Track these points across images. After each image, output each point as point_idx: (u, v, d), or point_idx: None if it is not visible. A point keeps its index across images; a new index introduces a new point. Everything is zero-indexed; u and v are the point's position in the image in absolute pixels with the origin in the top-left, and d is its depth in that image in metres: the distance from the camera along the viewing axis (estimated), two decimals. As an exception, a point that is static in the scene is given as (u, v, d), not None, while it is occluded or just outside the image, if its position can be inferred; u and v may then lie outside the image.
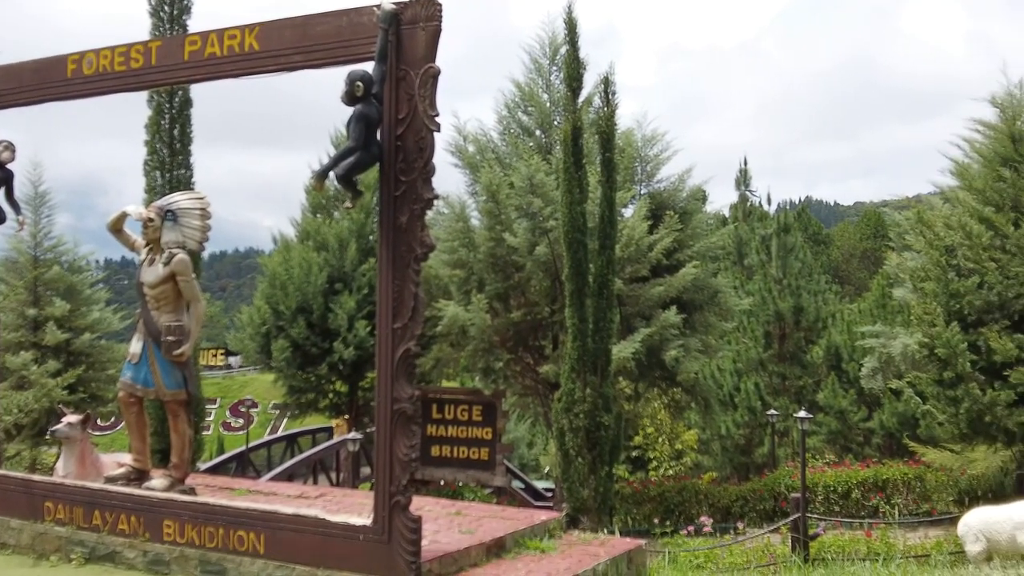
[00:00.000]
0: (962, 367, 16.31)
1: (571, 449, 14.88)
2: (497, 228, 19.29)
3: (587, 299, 14.99)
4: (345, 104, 6.01)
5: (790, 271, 34.19)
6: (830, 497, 20.72)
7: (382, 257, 6.14)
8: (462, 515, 8.10)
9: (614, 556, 7.49)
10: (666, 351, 18.89)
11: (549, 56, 21.68)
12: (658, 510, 21.16)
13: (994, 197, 17.44)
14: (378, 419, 6.13)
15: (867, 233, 65.51)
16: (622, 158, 20.38)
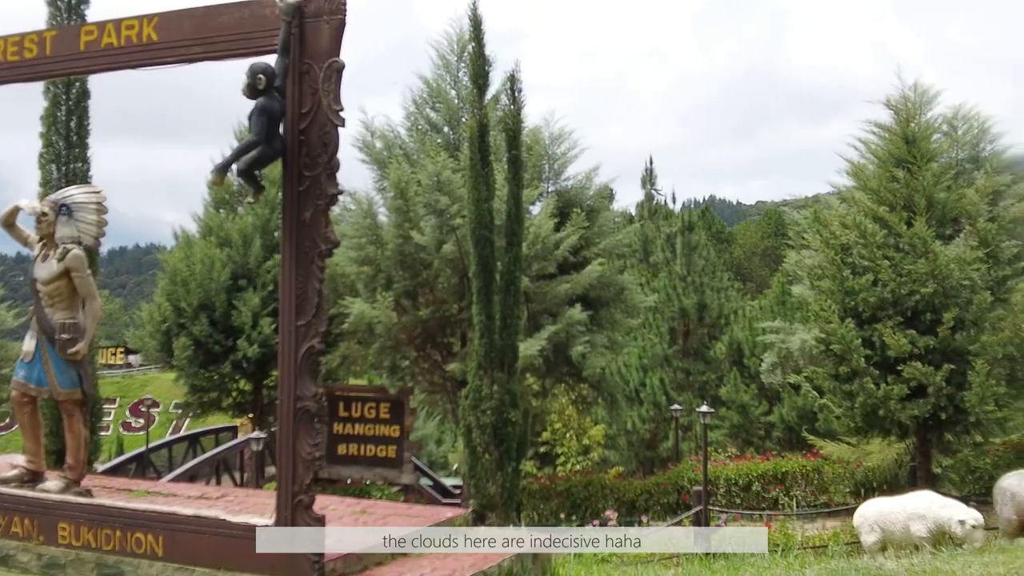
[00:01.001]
0: (857, 362, 16.83)
1: (478, 446, 14.90)
2: (405, 225, 19.19)
3: (494, 296, 15.03)
4: (247, 97, 5.92)
5: (694, 269, 34.84)
6: (732, 490, 21.16)
7: (285, 253, 6.06)
8: (367, 513, 8.04)
9: (520, 551, 7.51)
10: (572, 347, 19.04)
11: (456, 53, 21.65)
12: (565, 505, 21.34)
13: (888, 197, 18.04)
14: (281, 417, 6.05)
15: (768, 232, 67.09)
16: (530, 156, 20.48)
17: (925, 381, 16.33)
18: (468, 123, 16.34)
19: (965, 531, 11.70)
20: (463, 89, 21.32)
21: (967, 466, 18.96)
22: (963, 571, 7.27)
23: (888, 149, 18.62)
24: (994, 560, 7.98)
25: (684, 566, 10.61)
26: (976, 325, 16.53)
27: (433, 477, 26.08)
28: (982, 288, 16.65)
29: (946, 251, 16.90)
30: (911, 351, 16.50)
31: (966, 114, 19.82)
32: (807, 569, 8.31)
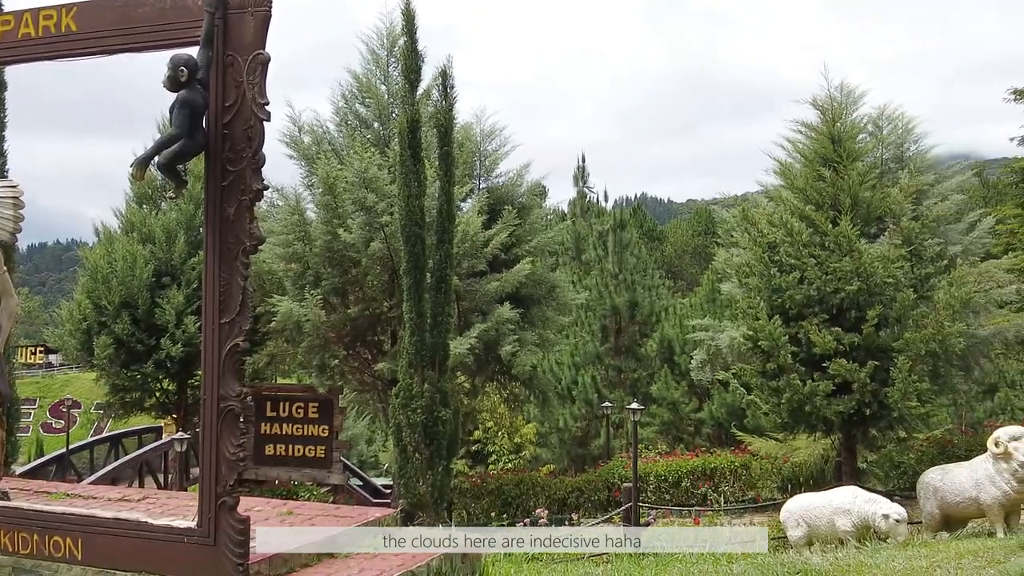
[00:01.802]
0: (784, 359, 17.06)
1: (408, 445, 14.79)
2: (333, 222, 18.96)
3: (425, 294, 14.93)
4: (168, 90, 5.79)
5: (626, 266, 35.04)
6: (661, 486, 21.31)
7: (209, 250, 5.93)
8: (294, 514, 7.94)
9: (448, 551, 7.46)
10: (503, 346, 19.01)
11: (387, 48, 21.44)
12: (496, 503, 21.30)
13: (814, 196, 18.33)
14: (204, 418, 5.93)
15: (698, 230, 67.88)
16: (461, 152, 20.37)
17: (850, 378, 16.61)
18: (399, 119, 16.19)
19: (889, 525, 11.91)
20: (393, 84, 21.12)
21: (891, 461, 19.34)
22: (887, 565, 7.39)
23: (815, 148, 18.91)
24: (917, 554, 8.13)
25: (614, 563, 10.64)
26: (899, 322, 16.86)
27: (363, 477, 25.91)
28: (905, 286, 16.98)
29: (870, 249, 17.21)
30: (836, 348, 16.77)
31: (891, 114, 20.21)
32: (734, 564, 8.38)
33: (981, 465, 12.63)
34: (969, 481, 12.64)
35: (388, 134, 20.70)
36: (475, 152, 21.52)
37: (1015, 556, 7.33)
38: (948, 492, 12.88)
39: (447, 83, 15.81)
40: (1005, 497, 12.24)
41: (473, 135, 21.52)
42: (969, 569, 6.96)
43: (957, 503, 12.79)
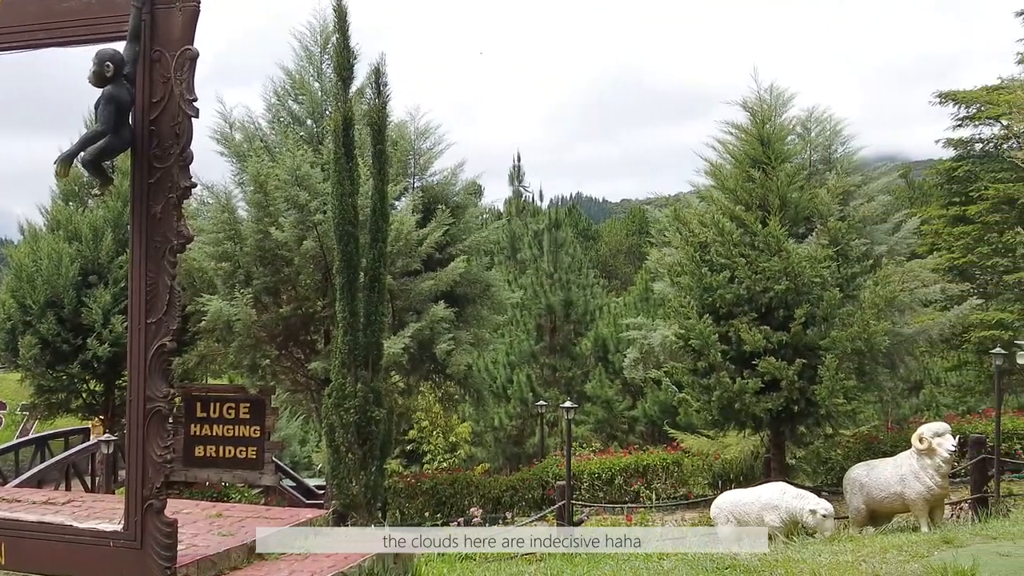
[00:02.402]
0: (714, 357, 17.28)
1: (341, 445, 14.67)
2: (265, 220, 18.76)
3: (358, 293, 14.82)
4: (94, 85, 5.69)
5: (561, 266, 35.19)
6: (595, 484, 21.43)
7: (135, 248, 5.84)
8: (223, 517, 7.84)
9: (381, 551, 7.44)
10: (437, 345, 18.97)
11: (320, 44, 21.25)
12: (430, 503, 21.26)
13: (744, 196, 18.60)
14: (130, 419, 5.84)
15: (632, 229, 68.38)
16: (395, 151, 20.29)
17: (778, 375, 16.88)
18: (332, 116, 16.05)
19: (816, 521, 12.13)
20: (327, 81, 20.94)
21: (818, 457, 19.71)
22: (813, 560, 7.50)
23: (744, 150, 19.20)
24: (843, 549, 8.27)
25: (547, 561, 10.68)
26: (826, 321, 17.18)
27: (296, 478, 25.64)
28: (832, 285, 17.31)
29: (799, 249, 17.52)
30: (766, 346, 17.04)
31: (819, 116, 20.61)
32: (664, 561, 8.47)
33: (906, 461, 12.96)
34: (894, 477, 12.95)
35: (321, 131, 20.54)
36: (409, 150, 21.43)
37: (938, 551, 7.49)
38: (874, 488, 13.18)
39: (380, 81, 15.71)
40: (929, 492, 12.57)
41: (407, 134, 21.43)
42: (893, 563, 7.10)
43: (882, 498, 13.09)
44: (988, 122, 34.26)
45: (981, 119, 34.53)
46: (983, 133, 35.61)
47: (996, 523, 10.27)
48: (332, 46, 18.30)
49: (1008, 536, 8.09)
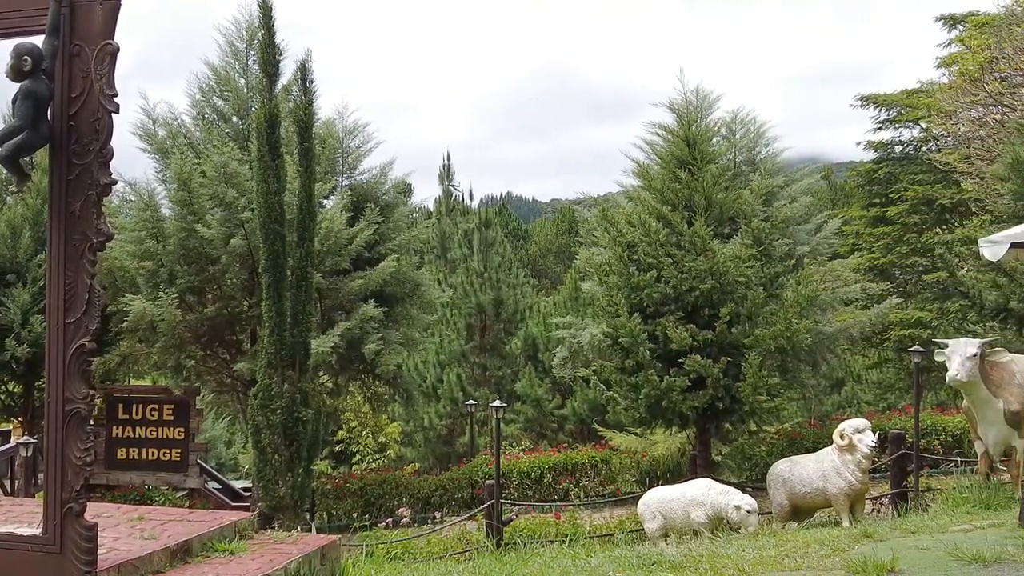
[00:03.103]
0: (642, 355, 17.45)
1: (268, 446, 14.49)
2: (190, 218, 18.45)
3: (285, 292, 14.65)
4: (11, 80, 5.58)
5: (491, 265, 35.20)
6: (524, 482, 21.52)
7: (53, 246, 5.73)
8: (146, 520, 7.72)
9: (306, 553, 7.39)
10: (366, 344, 18.86)
11: (246, 40, 20.96)
12: (359, 504, 21.13)
13: (671, 196, 18.82)
14: (48, 421, 5.73)
15: (562, 229, 68.63)
16: (323, 149, 20.13)
17: (704, 373, 17.10)
18: (257, 113, 15.85)
19: (741, 516, 12.34)
20: (253, 78, 20.65)
21: (743, 454, 19.99)
22: (737, 555, 7.61)
23: (671, 151, 19.41)
24: (766, 543, 8.40)
25: (475, 560, 10.69)
26: (750, 320, 17.45)
27: (222, 480, 25.24)
28: (756, 284, 17.59)
29: (724, 249, 17.77)
30: (692, 344, 17.25)
31: (743, 118, 20.96)
32: (592, 558, 8.53)
33: (827, 457, 13.23)
34: (816, 472, 13.21)
35: (247, 128, 20.25)
36: (338, 148, 21.26)
37: (859, 545, 7.65)
38: (796, 483, 13.43)
39: (306, 78, 15.55)
40: (850, 487, 12.85)
41: (335, 131, 21.26)
42: (815, 557, 7.23)
43: (805, 493, 13.35)
44: (908, 125, 35.15)
45: (901, 122, 35.40)
46: (903, 136, 36.50)
47: (915, 517, 10.53)
48: (258, 42, 18.08)
49: (926, 530, 8.29)
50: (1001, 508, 9.78)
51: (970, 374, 10.37)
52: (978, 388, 10.59)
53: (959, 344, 10.56)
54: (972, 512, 9.76)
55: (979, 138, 25.12)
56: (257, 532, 8.28)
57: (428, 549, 15.19)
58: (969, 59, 25.78)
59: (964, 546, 6.57)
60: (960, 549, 6.50)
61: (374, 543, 14.14)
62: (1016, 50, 23.05)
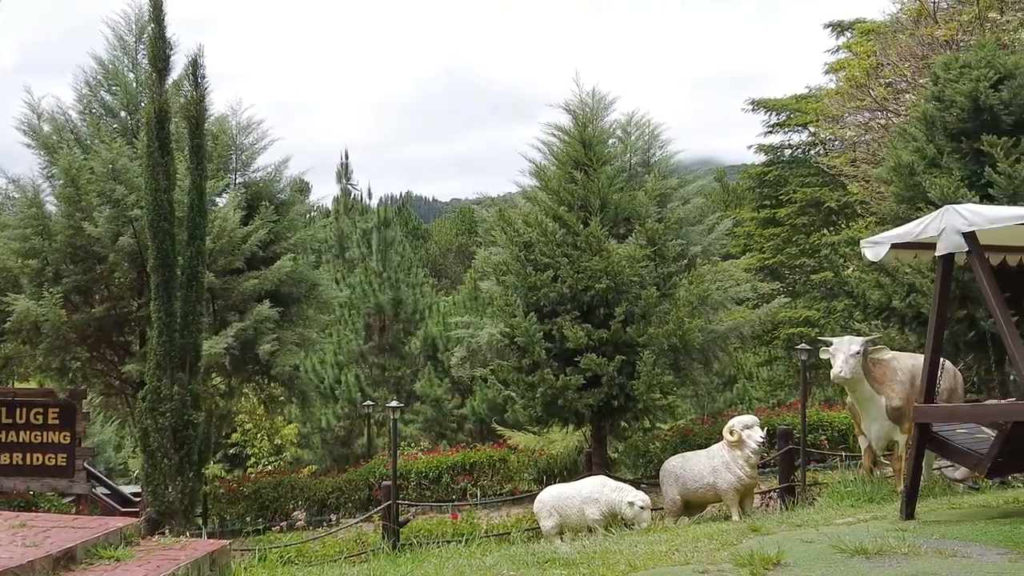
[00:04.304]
0: (538, 355, 17.55)
1: (157, 450, 14.15)
2: (77, 216, 17.91)
3: (175, 292, 14.33)
4: None
5: (390, 264, 35.01)
6: (422, 483, 21.45)
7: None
8: (28, 527, 7.46)
9: (195, 559, 7.25)
10: (261, 345, 18.57)
11: (136, 34, 20.42)
12: (253, 508, 20.81)
13: (567, 197, 18.97)
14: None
15: (462, 229, 68.72)
16: (215, 145, 19.73)
17: (599, 372, 17.27)
18: (146, 109, 15.46)
19: (634, 512, 12.53)
20: (142, 72, 20.08)
21: (637, 450, 20.27)
22: (630, 551, 7.70)
23: (567, 152, 19.56)
24: (658, 539, 8.53)
25: (371, 562, 10.62)
26: (644, 318, 17.69)
27: (111, 485, 24.56)
28: (650, 284, 17.84)
29: (619, 249, 17.98)
30: (587, 343, 17.41)
31: (639, 121, 21.28)
32: (487, 557, 8.54)
33: (718, 452, 13.52)
34: (707, 468, 13.49)
35: (137, 124, 19.70)
36: (231, 146, 20.83)
37: (747, 539, 7.81)
38: (688, 479, 13.69)
39: (198, 73, 15.23)
40: (739, 482, 13.15)
41: (229, 128, 20.82)
42: (705, 552, 7.35)
43: (696, 489, 13.61)
44: (797, 129, 36.23)
45: (790, 126, 36.45)
46: (792, 139, 37.62)
47: (801, 511, 10.83)
48: (148, 36, 17.63)
49: (811, 524, 8.52)
50: (884, 501, 10.10)
51: (853, 371, 10.65)
52: (861, 385, 10.88)
53: (843, 342, 10.85)
54: (856, 506, 10.07)
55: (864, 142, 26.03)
56: (144, 538, 8.11)
57: (323, 552, 15.05)
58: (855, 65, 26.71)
59: (847, 539, 6.75)
60: (843, 542, 6.67)
61: (267, 547, 13.92)
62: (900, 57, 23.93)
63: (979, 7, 22.76)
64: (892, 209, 16.26)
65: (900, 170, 15.66)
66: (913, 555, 6.39)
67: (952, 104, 14.98)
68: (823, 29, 35.05)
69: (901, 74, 24.09)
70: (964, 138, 14.88)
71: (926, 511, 8.54)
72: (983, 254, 7.53)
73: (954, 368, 11.94)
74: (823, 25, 35.19)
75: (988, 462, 7.69)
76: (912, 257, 9.48)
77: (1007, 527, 7.00)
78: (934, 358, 8.02)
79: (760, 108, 37.13)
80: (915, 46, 23.60)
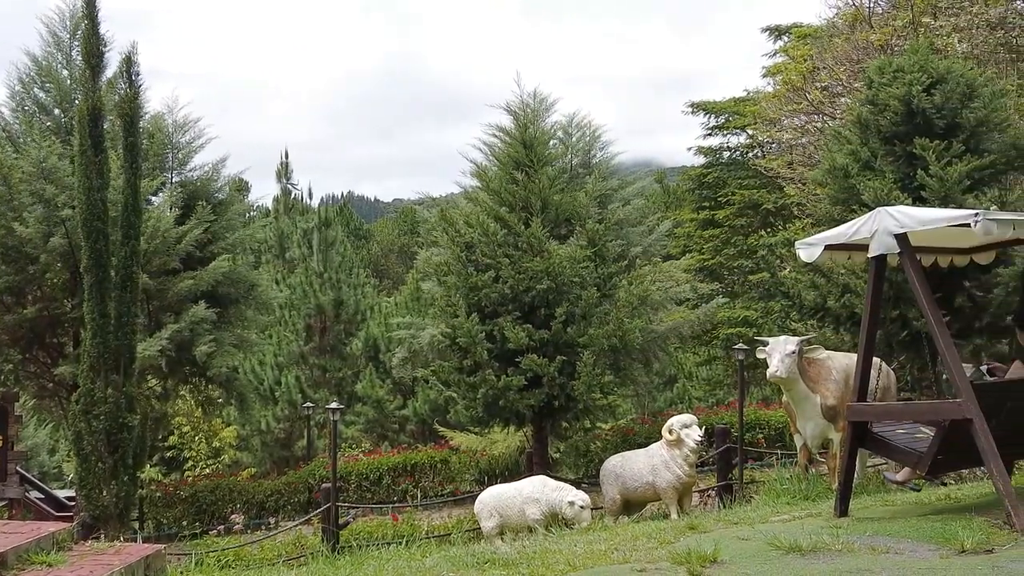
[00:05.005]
0: (480, 355, 17.55)
1: (91, 453, 13.90)
2: (9, 215, 17.58)
3: (109, 293, 14.10)
4: None
5: (331, 265, 34.73)
6: (363, 484, 21.33)
7: None
8: (-45, 534, 7.29)
9: (129, 564, 7.15)
10: (197, 347, 18.36)
11: (70, 31, 20.14)
12: (190, 511, 20.56)
13: (508, 198, 18.99)
14: None
15: (404, 229, 68.44)
16: (151, 144, 19.51)
17: (540, 372, 17.32)
18: (80, 106, 15.18)
19: (575, 512, 12.54)
20: (76, 69, 19.81)
21: (578, 450, 20.35)
22: (569, 550, 7.70)
23: (509, 153, 19.59)
24: (597, 538, 8.53)
25: (309, 565, 10.53)
26: (585, 319, 17.77)
27: (45, 489, 24.03)
28: (590, 284, 17.94)
29: (559, 250, 18.04)
30: (528, 344, 17.45)
31: (580, 122, 21.35)
32: (427, 558, 8.50)
33: (657, 451, 13.60)
34: (647, 467, 13.56)
35: (70, 122, 19.42)
36: (167, 144, 20.60)
37: (684, 537, 7.85)
38: (628, 478, 13.75)
39: (132, 70, 14.99)
40: (678, 481, 13.24)
41: (165, 126, 20.59)
42: (643, 550, 7.37)
43: (636, 488, 13.68)
44: (735, 132, 36.67)
45: (729, 129, 36.87)
46: (731, 142, 38.05)
47: (739, 509, 10.91)
48: (82, 32, 17.33)
49: (748, 521, 8.58)
50: (819, 499, 10.21)
51: (789, 371, 10.76)
52: (797, 384, 11.01)
53: (779, 342, 10.96)
54: (792, 503, 10.16)
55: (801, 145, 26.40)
56: (78, 543, 7.99)
57: (261, 555, 14.88)
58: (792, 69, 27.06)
59: (782, 536, 6.80)
60: (778, 539, 6.72)
61: (204, 551, 13.73)
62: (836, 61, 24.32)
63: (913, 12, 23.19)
64: (827, 211, 16.48)
65: (835, 172, 15.89)
66: (846, 552, 6.46)
67: (886, 108, 15.24)
68: (761, 33, 35.56)
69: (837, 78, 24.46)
70: (897, 141, 15.14)
71: (860, 508, 8.65)
72: (914, 255, 7.63)
73: (887, 367, 12.16)
74: (761, 29, 35.68)
75: (928, 460, 7.80)
76: (846, 258, 9.60)
77: (939, 524, 7.11)
78: (867, 357, 8.13)
79: (699, 111, 37.54)
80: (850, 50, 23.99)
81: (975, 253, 9.27)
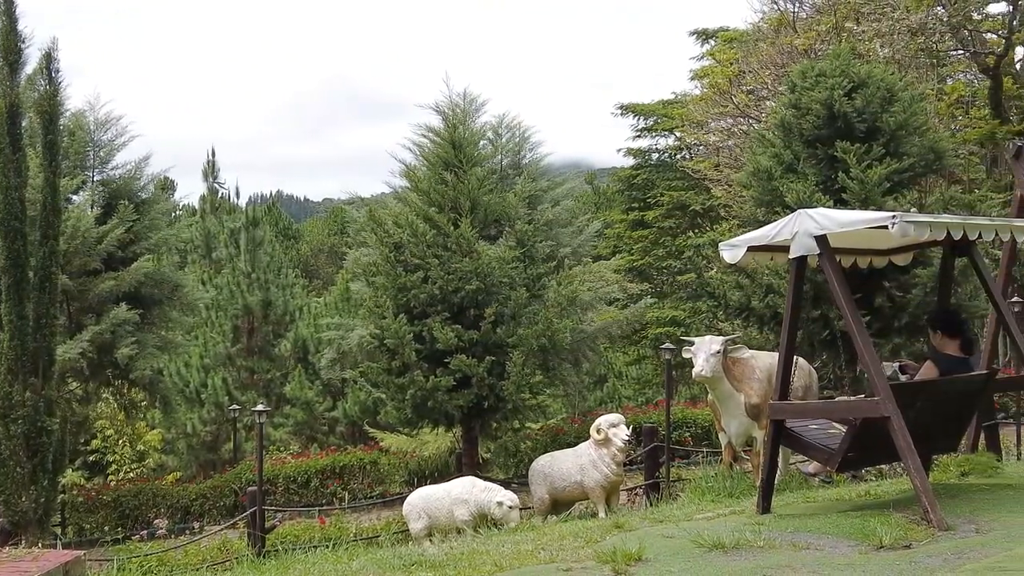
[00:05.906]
0: (408, 356, 17.48)
1: (9, 458, 13.60)
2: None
3: (27, 294, 13.80)
4: None
5: (259, 265, 34.24)
6: (290, 487, 21.11)
7: None
8: None
9: (47, 571, 7.00)
10: (119, 349, 18.01)
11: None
12: (113, 516, 20.17)
13: (437, 198, 18.93)
14: None
15: (334, 229, 67.82)
16: (72, 142, 19.09)
17: (470, 372, 17.32)
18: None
19: (503, 512, 12.57)
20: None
21: (508, 450, 20.38)
22: (497, 551, 7.72)
23: (438, 153, 19.53)
24: (525, 538, 8.55)
25: (235, 569, 10.40)
26: (514, 319, 17.81)
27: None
28: (520, 285, 17.97)
29: (489, 251, 18.05)
30: (458, 344, 17.43)
31: (509, 123, 21.35)
32: (354, 561, 8.45)
33: (585, 451, 13.68)
34: (575, 466, 13.63)
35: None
36: (88, 142, 20.16)
37: (611, 535, 7.90)
38: (556, 477, 13.81)
39: (52, 67, 14.70)
40: (606, 480, 13.34)
41: (86, 124, 20.15)
42: (570, 549, 7.41)
43: (564, 487, 13.75)
44: (663, 134, 37.10)
45: (657, 131, 37.28)
46: (659, 144, 38.47)
47: (665, 507, 11.01)
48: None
49: (673, 519, 8.66)
50: (743, 496, 10.35)
51: (714, 370, 10.91)
52: (721, 383, 11.16)
53: (704, 342, 11.09)
54: (716, 501, 10.29)
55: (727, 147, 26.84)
56: (-8, 551, 7.76)
57: (185, 560, 14.65)
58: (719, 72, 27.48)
59: (706, 533, 6.88)
60: (702, 536, 6.80)
61: (127, 557, 13.49)
62: (761, 64, 24.75)
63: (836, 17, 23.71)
64: (751, 212, 16.75)
65: (759, 175, 16.16)
66: (768, 548, 6.56)
67: (808, 111, 15.54)
68: (688, 36, 36.00)
69: (762, 81, 24.90)
70: (819, 144, 15.45)
71: (782, 505, 8.79)
72: (834, 257, 7.78)
73: (809, 366, 12.39)
74: (688, 32, 36.13)
75: (839, 457, 7.97)
76: (768, 259, 9.73)
77: (858, 520, 7.26)
78: (788, 356, 8.26)
79: (628, 113, 37.88)
80: (775, 54, 24.45)
81: (893, 255, 9.49)
